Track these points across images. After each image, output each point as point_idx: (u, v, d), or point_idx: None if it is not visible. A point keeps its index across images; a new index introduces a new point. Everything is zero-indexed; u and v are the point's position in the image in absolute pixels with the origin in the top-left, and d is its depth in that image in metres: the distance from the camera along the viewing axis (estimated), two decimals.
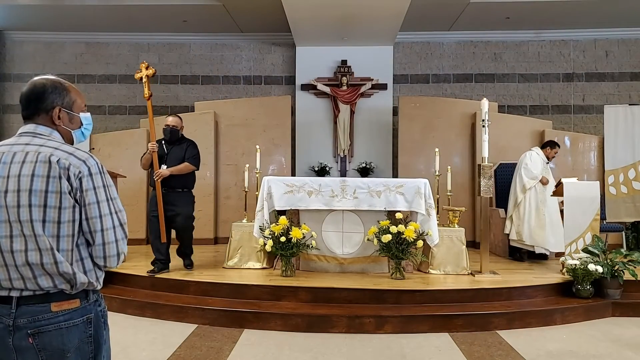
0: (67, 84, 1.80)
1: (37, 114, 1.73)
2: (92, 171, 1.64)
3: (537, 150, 6.51)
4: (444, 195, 6.26)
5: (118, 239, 1.68)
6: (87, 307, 1.70)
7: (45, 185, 1.59)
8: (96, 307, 1.73)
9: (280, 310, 4.55)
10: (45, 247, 1.59)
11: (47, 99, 1.73)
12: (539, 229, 6.20)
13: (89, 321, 1.69)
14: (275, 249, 5.24)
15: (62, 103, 1.75)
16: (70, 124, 1.79)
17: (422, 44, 9.14)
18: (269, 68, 9.27)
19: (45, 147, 1.65)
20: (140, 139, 7.94)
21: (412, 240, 5.12)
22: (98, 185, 1.65)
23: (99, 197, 1.64)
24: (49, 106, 1.73)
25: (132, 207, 7.61)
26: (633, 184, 7.37)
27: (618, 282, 4.89)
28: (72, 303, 1.66)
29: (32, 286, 1.60)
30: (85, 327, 1.68)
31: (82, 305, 1.68)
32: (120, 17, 8.36)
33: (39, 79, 1.76)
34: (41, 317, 1.61)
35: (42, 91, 1.73)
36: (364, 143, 8.79)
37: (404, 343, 4.14)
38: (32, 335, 1.59)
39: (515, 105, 9.00)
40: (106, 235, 1.65)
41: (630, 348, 4.02)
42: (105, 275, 1.80)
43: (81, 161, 1.64)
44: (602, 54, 8.94)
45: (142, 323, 4.63)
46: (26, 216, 1.58)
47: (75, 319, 1.66)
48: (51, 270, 1.60)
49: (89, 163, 1.65)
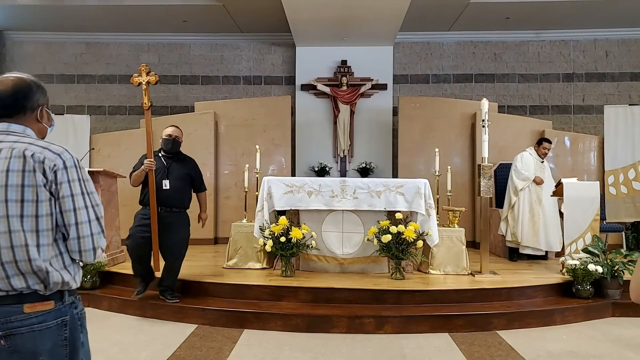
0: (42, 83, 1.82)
1: (21, 112, 1.72)
2: (67, 164, 1.63)
3: (530, 150, 6.46)
4: (444, 195, 6.26)
5: (94, 233, 1.66)
6: (62, 309, 1.66)
7: (22, 180, 1.58)
8: (72, 309, 1.69)
9: (280, 311, 4.55)
10: (20, 243, 1.57)
11: (32, 98, 1.74)
12: (533, 230, 6.18)
13: (64, 324, 1.65)
14: (275, 249, 5.24)
15: (44, 102, 1.78)
16: (48, 121, 1.81)
17: (422, 44, 9.14)
18: (269, 68, 9.27)
19: (19, 142, 1.64)
20: (141, 139, 7.88)
21: (412, 240, 5.12)
22: (73, 179, 1.63)
23: (73, 190, 1.63)
24: (35, 104, 1.74)
25: (132, 207, 7.57)
26: (633, 184, 7.37)
27: (618, 282, 4.89)
28: (46, 305, 1.63)
29: (4, 286, 1.57)
30: (59, 330, 1.64)
31: (57, 307, 1.64)
32: (120, 17, 8.36)
33: (21, 78, 1.74)
34: (14, 318, 1.57)
35: (28, 90, 1.74)
36: (364, 143, 8.79)
37: (404, 343, 4.14)
38: (4, 337, 1.56)
39: (515, 105, 9.01)
40: (81, 228, 1.63)
41: (630, 348, 4.02)
42: (105, 275, 1.80)
43: (56, 154, 1.63)
44: (602, 54, 8.94)
45: (142, 323, 4.63)
46: (2, 212, 1.57)
47: (48, 321, 1.62)
48: (24, 269, 1.57)
49: (64, 156, 1.64)
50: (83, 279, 5.12)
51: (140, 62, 9.69)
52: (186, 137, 7.92)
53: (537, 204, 6.22)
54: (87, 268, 5.09)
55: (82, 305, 1.76)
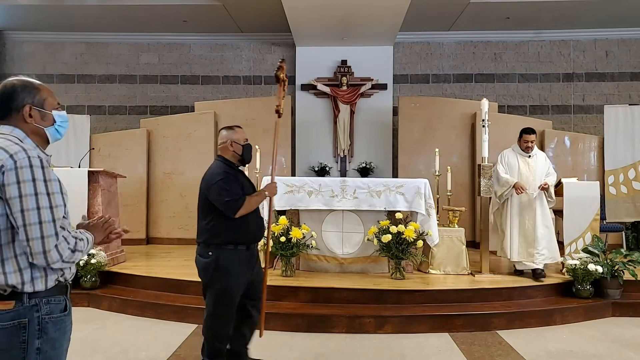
0: (38, 83, 1.81)
1: (9, 113, 1.73)
2: (17, 165, 1.59)
3: (514, 146, 5.53)
4: (444, 195, 6.26)
5: (44, 236, 1.59)
6: (21, 311, 1.62)
7: None
8: (33, 312, 1.64)
9: (280, 310, 4.54)
10: None
11: (17, 98, 1.74)
12: (526, 242, 5.26)
13: (21, 326, 1.62)
14: (275, 249, 5.24)
15: (32, 101, 1.76)
16: (42, 121, 1.78)
17: (422, 44, 9.14)
18: (269, 68, 9.26)
19: None
20: (141, 139, 7.95)
21: (412, 240, 5.12)
22: (23, 180, 1.59)
23: (22, 191, 1.59)
24: (20, 104, 1.74)
25: (132, 207, 7.63)
26: (633, 184, 7.37)
27: (618, 282, 4.89)
28: (7, 304, 1.61)
29: None
30: (16, 331, 1.61)
31: (16, 308, 1.62)
32: (120, 17, 8.36)
33: (8, 80, 1.77)
34: None
35: (11, 91, 1.74)
36: (364, 143, 8.79)
37: (404, 343, 4.14)
38: None
39: (515, 105, 9.00)
40: (29, 230, 1.58)
41: (630, 348, 4.02)
42: (105, 275, 1.79)
43: (8, 155, 1.61)
44: (602, 54, 8.94)
45: (143, 323, 4.63)
46: None
47: (4, 321, 1.60)
48: None
49: (17, 157, 1.61)
50: (83, 279, 5.12)
51: (140, 62, 9.73)
52: (186, 137, 8.00)
53: (526, 211, 5.29)
54: (87, 268, 5.09)
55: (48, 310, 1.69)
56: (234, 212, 3.15)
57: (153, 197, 7.91)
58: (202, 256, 3.24)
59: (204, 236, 3.23)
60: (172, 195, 7.84)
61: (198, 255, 3.28)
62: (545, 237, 5.28)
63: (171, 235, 7.81)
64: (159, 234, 7.86)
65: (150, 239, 7.86)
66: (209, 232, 3.21)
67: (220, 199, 3.16)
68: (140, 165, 7.88)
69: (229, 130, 3.44)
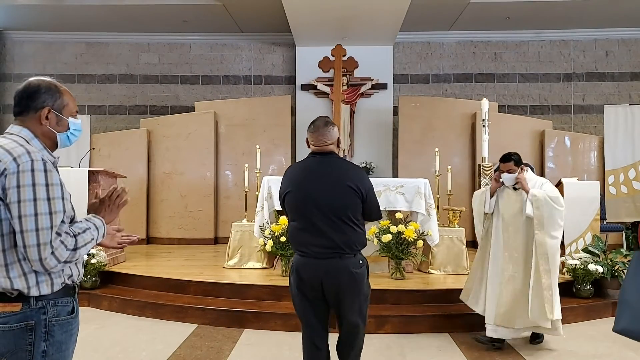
0: (62, 88, 1.79)
1: (27, 111, 1.72)
2: (20, 168, 1.56)
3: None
4: (444, 195, 6.26)
5: (41, 243, 1.54)
6: (29, 313, 1.61)
7: None
8: (40, 314, 1.63)
9: (280, 310, 4.55)
10: None
11: (38, 98, 1.73)
12: (502, 299, 3.84)
13: (28, 328, 1.61)
14: (276, 248, 5.24)
15: (52, 104, 1.74)
16: (57, 126, 1.76)
17: (422, 44, 9.14)
18: (269, 68, 9.27)
19: None
20: (141, 139, 7.95)
21: (412, 240, 5.12)
22: (23, 184, 1.55)
23: (21, 196, 1.55)
24: (39, 105, 1.73)
25: (132, 207, 7.62)
26: (633, 184, 7.37)
27: (618, 282, 4.88)
28: (14, 306, 1.59)
29: None
30: (23, 333, 1.60)
31: (23, 310, 1.60)
32: (120, 17, 8.36)
33: (34, 79, 1.76)
34: None
35: (35, 90, 1.74)
36: (364, 143, 8.79)
37: (404, 343, 4.14)
38: None
39: (515, 105, 9.00)
40: (26, 237, 1.54)
41: (630, 348, 4.02)
42: (105, 275, 1.79)
43: (12, 158, 1.58)
44: (602, 54, 8.94)
45: (143, 323, 4.63)
46: None
47: (11, 323, 1.59)
48: None
49: (20, 160, 1.57)
50: (83, 279, 5.13)
51: (141, 62, 9.74)
52: (186, 137, 8.00)
53: (508, 262, 3.85)
54: (87, 268, 5.09)
55: (55, 312, 1.67)
56: (380, 217, 2.94)
57: (153, 197, 7.91)
58: (356, 267, 2.69)
59: (358, 246, 2.72)
60: (172, 195, 7.85)
61: (348, 270, 2.65)
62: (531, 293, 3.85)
63: (171, 235, 7.82)
64: (159, 233, 7.87)
65: (150, 238, 7.87)
66: (361, 241, 2.74)
67: (377, 203, 2.83)
68: (140, 165, 7.88)
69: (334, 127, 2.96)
